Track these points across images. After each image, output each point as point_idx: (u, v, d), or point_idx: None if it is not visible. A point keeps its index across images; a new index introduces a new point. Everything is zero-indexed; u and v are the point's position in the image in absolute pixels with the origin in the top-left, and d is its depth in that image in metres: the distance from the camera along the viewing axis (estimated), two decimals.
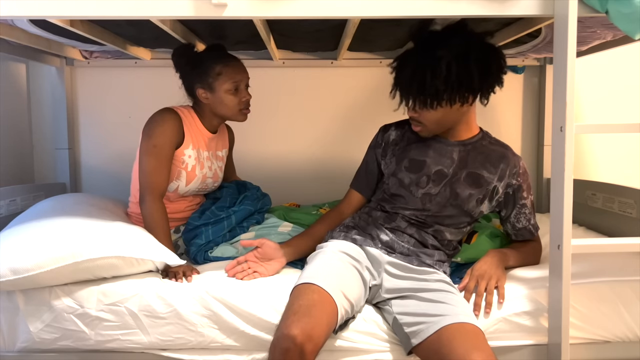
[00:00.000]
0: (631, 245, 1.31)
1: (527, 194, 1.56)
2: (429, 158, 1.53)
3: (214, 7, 1.23)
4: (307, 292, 1.31)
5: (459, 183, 1.50)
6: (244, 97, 1.74)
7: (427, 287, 1.40)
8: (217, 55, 1.73)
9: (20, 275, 1.33)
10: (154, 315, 1.39)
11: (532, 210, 1.58)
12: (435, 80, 1.36)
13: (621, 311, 1.40)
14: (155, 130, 1.66)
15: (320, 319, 1.24)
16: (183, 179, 1.73)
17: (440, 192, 1.51)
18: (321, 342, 1.23)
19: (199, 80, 1.71)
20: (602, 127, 1.79)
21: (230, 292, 1.41)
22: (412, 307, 1.36)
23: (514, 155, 1.57)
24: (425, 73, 1.37)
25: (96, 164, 2.40)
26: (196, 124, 1.76)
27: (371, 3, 1.25)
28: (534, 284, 1.44)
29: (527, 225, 1.57)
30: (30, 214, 1.63)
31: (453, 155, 1.52)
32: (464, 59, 1.37)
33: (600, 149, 2.47)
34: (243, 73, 1.74)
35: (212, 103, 1.72)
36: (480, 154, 1.54)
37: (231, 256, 1.68)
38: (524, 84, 2.45)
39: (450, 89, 1.38)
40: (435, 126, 1.49)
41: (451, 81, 1.37)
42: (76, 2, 1.24)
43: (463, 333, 1.24)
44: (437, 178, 1.51)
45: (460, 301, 1.37)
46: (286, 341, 1.20)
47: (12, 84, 2.26)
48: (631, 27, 1.20)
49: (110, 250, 1.39)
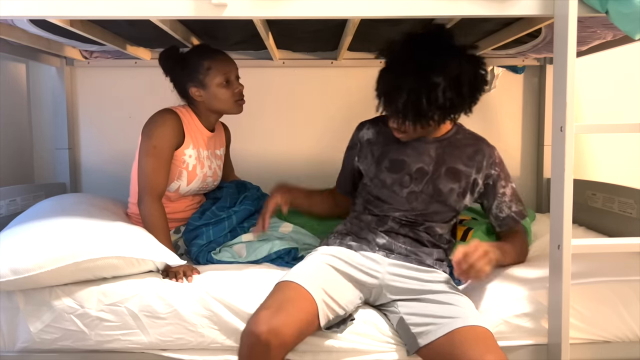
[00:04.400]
0: (631, 245, 1.31)
1: (506, 182, 1.57)
2: (408, 157, 1.54)
3: (214, 7, 1.23)
4: (284, 289, 1.34)
5: (440, 179, 1.52)
6: (237, 88, 1.75)
7: (433, 289, 1.41)
8: (203, 52, 1.74)
9: (21, 276, 1.33)
10: (154, 316, 1.39)
11: (514, 197, 1.58)
12: (431, 106, 1.38)
13: (621, 311, 1.40)
14: (155, 131, 1.66)
15: (293, 315, 1.25)
16: (184, 178, 1.73)
17: (423, 190, 1.52)
18: (291, 337, 1.23)
19: (190, 79, 1.71)
20: (602, 127, 1.79)
21: (231, 292, 1.41)
22: (419, 308, 1.36)
23: (489, 146, 1.59)
24: (421, 100, 1.37)
25: (96, 164, 2.40)
26: (195, 124, 1.76)
27: (371, 3, 1.25)
28: (534, 284, 1.44)
29: (510, 213, 1.57)
30: (30, 214, 1.63)
31: (431, 153, 1.54)
32: (458, 83, 1.38)
33: (600, 149, 2.47)
34: (231, 64, 1.75)
35: (207, 99, 1.73)
36: (456, 148, 1.55)
37: (228, 260, 1.68)
38: (524, 84, 2.45)
39: (444, 112, 1.42)
40: (420, 134, 1.52)
41: (446, 106, 1.40)
42: (76, 2, 1.24)
43: (475, 336, 1.25)
44: (418, 176, 1.53)
45: (467, 303, 1.37)
46: (251, 337, 1.22)
47: (12, 84, 2.26)
48: (631, 27, 1.20)
49: (111, 250, 1.39)
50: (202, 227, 1.74)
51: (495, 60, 2.35)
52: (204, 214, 1.77)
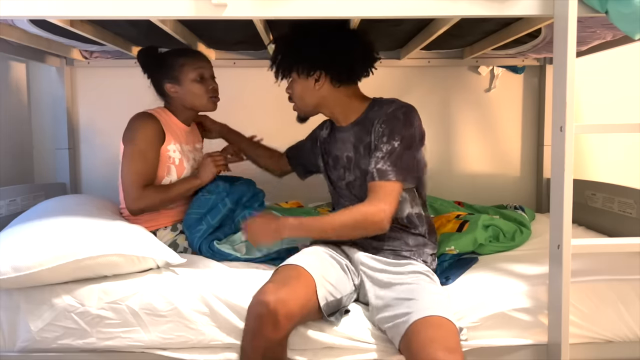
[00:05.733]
0: (631, 245, 1.31)
1: (389, 139, 1.42)
2: (338, 150, 1.59)
3: (214, 7, 1.24)
4: (286, 270, 1.39)
5: (361, 159, 1.52)
6: (211, 85, 1.78)
7: (400, 281, 1.40)
8: (179, 51, 1.79)
9: (22, 273, 1.33)
10: (154, 313, 1.39)
11: (389, 156, 1.41)
12: (290, 57, 1.51)
13: (621, 310, 1.40)
14: (137, 135, 1.68)
15: (297, 289, 1.29)
16: (173, 173, 1.75)
17: (355, 175, 1.55)
18: (296, 309, 1.26)
19: (165, 76, 1.75)
20: (602, 127, 1.79)
21: (231, 290, 1.42)
22: (387, 310, 1.35)
23: (391, 104, 1.49)
24: (286, 52, 1.52)
25: (96, 164, 2.40)
26: (172, 120, 1.79)
27: (371, 3, 1.26)
28: (533, 280, 1.45)
29: (372, 168, 1.42)
30: (31, 213, 1.64)
31: (351, 138, 1.55)
32: (306, 38, 1.49)
33: (600, 149, 2.47)
34: (205, 62, 1.79)
35: (182, 95, 1.76)
36: (368, 122, 1.51)
37: (228, 252, 1.67)
38: (524, 84, 2.45)
39: (296, 62, 1.51)
40: (300, 102, 1.58)
41: (297, 55, 1.50)
42: (76, 2, 1.24)
43: (426, 327, 1.23)
44: (348, 165, 1.56)
45: (428, 290, 1.35)
46: (259, 306, 1.25)
47: (12, 84, 2.26)
48: (631, 27, 1.21)
49: (112, 248, 1.40)
50: (198, 218, 1.73)
51: (495, 60, 2.36)
52: (194, 203, 1.77)
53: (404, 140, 1.42)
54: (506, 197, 2.41)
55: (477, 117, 2.45)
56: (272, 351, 1.26)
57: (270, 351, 1.26)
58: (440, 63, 2.36)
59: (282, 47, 1.55)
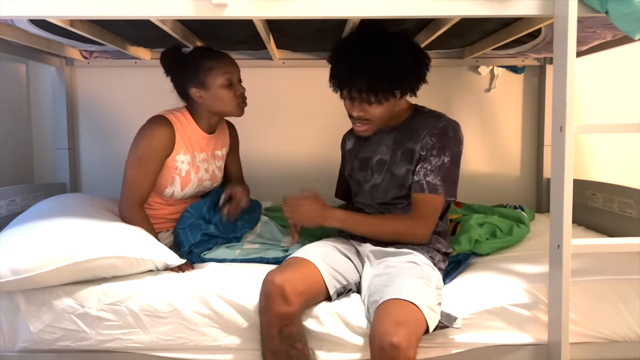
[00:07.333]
0: (631, 245, 1.31)
1: (439, 152, 1.48)
2: (371, 152, 1.61)
3: (214, 7, 1.24)
4: (290, 261, 1.46)
5: (396, 164, 1.54)
6: (239, 91, 1.71)
7: (391, 269, 1.40)
8: (205, 53, 1.72)
9: (21, 276, 1.33)
10: (154, 315, 1.39)
11: (438, 170, 1.47)
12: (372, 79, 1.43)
13: (621, 310, 1.40)
14: (141, 143, 1.65)
15: (302, 272, 1.38)
16: (177, 184, 1.72)
17: (383, 179, 1.57)
18: (303, 286, 1.33)
19: (191, 80, 1.68)
20: (602, 127, 1.79)
21: (231, 290, 1.42)
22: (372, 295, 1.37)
23: (440, 118, 1.54)
24: (364, 75, 1.42)
25: (96, 164, 2.40)
26: (191, 127, 1.73)
27: (371, 3, 1.26)
28: (532, 278, 1.45)
29: (421, 179, 1.48)
30: (30, 214, 1.63)
31: (388, 142, 1.57)
32: (392, 62, 1.43)
33: (600, 149, 2.47)
34: (234, 66, 1.72)
35: (208, 101, 1.69)
36: (412, 131, 1.54)
37: (227, 258, 1.66)
38: (524, 84, 2.45)
39: (383, 86, 1.45)
40: (379, 122, 1.54)
41: (383, 80, 1.44)
42: (76, 2, 1.24)
43: (392, 307, 1.25)
44: (378, 167, 1.58)
45: (410, 275, 1.36)
46: (267, 285, 1.34)
47: (12, 84, 2.26)
48: (631, 27, 1.20)
49: (111, 250, 1.39)
50: (180, 231, 1.72)
51: (495, 60, 2.35)
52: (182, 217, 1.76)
53: (453, 156, 1.50)
54: (506, 197, 2.41)
55: (477, 117, 2.45)
56: (287, 328, 1.31)
57: (286, 328, 1.31)
58: (440, 63, 2.36)
59: (373, 71, 1.43)
